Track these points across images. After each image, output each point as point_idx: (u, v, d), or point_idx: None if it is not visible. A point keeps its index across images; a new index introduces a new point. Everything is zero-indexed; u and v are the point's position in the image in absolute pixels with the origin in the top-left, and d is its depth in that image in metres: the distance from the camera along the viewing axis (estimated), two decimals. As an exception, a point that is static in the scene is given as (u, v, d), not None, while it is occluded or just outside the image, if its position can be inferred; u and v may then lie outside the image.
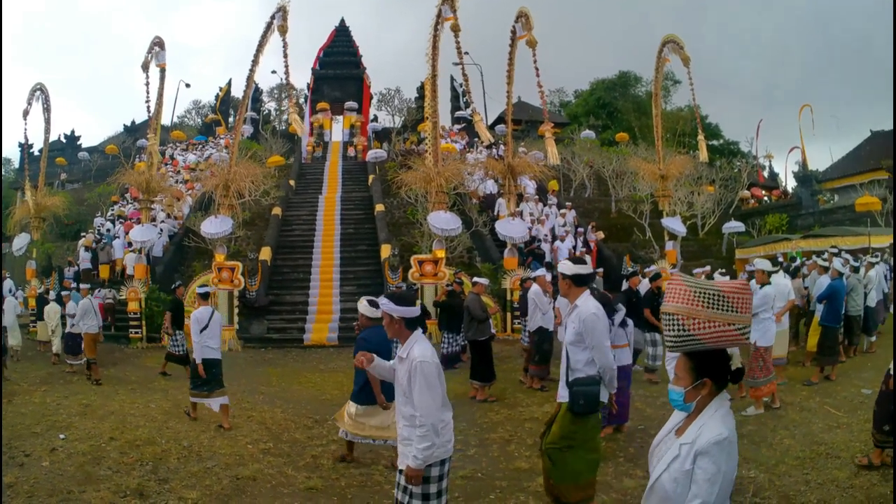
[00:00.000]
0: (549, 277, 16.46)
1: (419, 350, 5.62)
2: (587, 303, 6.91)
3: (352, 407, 9.75)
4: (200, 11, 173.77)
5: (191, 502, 8.09)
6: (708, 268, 22.66)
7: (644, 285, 17.36)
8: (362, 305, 9.49)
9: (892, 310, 19.44)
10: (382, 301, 5.75)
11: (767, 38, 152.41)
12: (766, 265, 13.01)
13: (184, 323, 17.28)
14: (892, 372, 8.58)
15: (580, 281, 7.03)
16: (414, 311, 5.74)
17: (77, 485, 8.32)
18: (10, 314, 19.98)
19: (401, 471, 5.73)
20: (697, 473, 3.43)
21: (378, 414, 9.58)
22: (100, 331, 18.42)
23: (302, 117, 50.23)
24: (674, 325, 3.69)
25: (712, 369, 3.64)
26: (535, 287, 15.84)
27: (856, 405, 11.69)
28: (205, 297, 13.00)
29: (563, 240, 27.54)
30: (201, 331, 12.05)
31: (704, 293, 3.66)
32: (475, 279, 17.96)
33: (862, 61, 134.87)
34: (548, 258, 25.90)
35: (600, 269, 22.78)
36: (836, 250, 19.38)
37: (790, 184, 48.15)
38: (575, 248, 27.65)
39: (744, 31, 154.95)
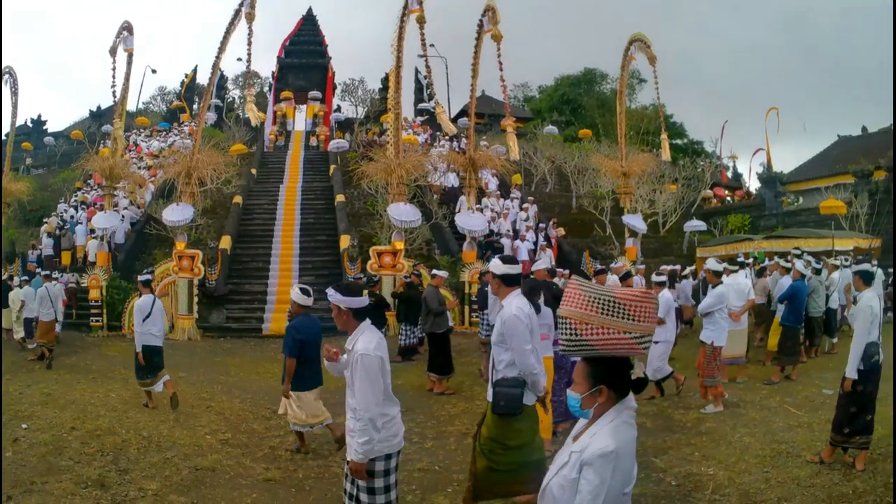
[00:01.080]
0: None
1: (363, 342, 5.61)
2: (511, 303, 6.81)
3: (290, 396, 10.07)
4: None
5: (151, 493, 8.13)
6: (678, 266, 22.90)
7: (612, 281, 17.56)
8: (294, 293, 9.80)
9: (890, 313, 19.72)
10: (330, 292, 5.71)
11: (737, 40, 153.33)
12: (714, 266, 13.26)
13: None
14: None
15: (509, 280, 6.95)
16: (361, 301, 5.75)
17: (39, 475, 8.35)
18: None
19: (348, 462, 5.73)
20: (582, 483, 3.39)
21: (311, 401, 10.02)
22: (55, 319, 18.54)
23: (265, 107, 50.21)
24: (566, 329, 3.63)
25: (609, 377, 3.58)
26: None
27: (817, 405, 11.76)
28: (146, 284, 13.33)
29: (523, 239, 27.69)
30: (144, 319, 12.37)
31: (598, 299, 3.60)
32: (434, 272, 18.15)
33: (831, 66, 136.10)
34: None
35: (566, 271, 22.86)
36: (798, 252, 19.69)
37: (754, 185, 48.73)
38: (536, 244, 27.78)
39: (713, 31, 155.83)
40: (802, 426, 10.60)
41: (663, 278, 14.05)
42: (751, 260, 22.72)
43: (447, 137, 38.01)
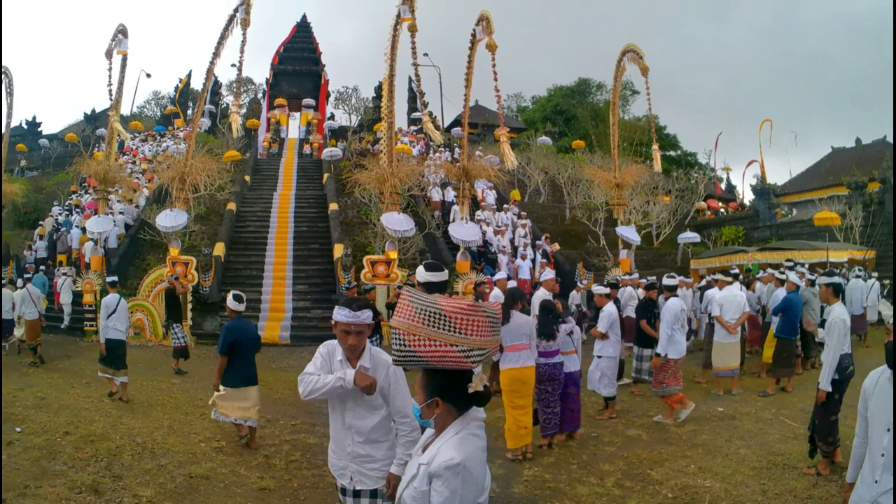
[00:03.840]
0: (511, 283, 16.65)
1: (384, 353, 5.26)
2: None
3: (220, 390, 10.69)
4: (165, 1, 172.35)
5: (145, 500, 8.07)
6: (690, 279, 22.81)
7: (627, 294, 17.57)
8: (228, 300, 11.10)
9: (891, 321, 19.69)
10: (367, 313, 5.17)
11: (729, 53, 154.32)
12: (669, 282, 13.58)
13: (181, 316, 19.20)
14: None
15: (432, 289, 6.70)
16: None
17: (33, 479, 8.27)
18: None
19: (357, 492, 5.35)
20: (433, 496, 3.42)
21: (240, 397, 10.52)
22: (40, 317, 19.17)
23: (259, 113, 50.19)
24: (396, 339, 3.64)
25: (445, 390, 3.58)
26: (495, 291, 16.13)
27: (813, 417, 11.77)
28: (113, 285, 14.87)
29: (524, 258, 27.53)
30: (109, 315, 13.94)
31: (425, 311, 3.59)
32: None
33: (821, 78, 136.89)
34: (506, 274, 25.93)
35: (587, 284, 22.64)
36: (791, 263, 19.69)
37: (748, 197, 48.88)
38: (534, 261, 27.72)
39: (706, 45, 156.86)
40: (798, 438, 10.57)
41: (606, 290, 13.92)
42: (767, 272, 22.62)
43: (437, 145, 37.99)
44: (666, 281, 13.70)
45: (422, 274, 6.80)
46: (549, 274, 13.44)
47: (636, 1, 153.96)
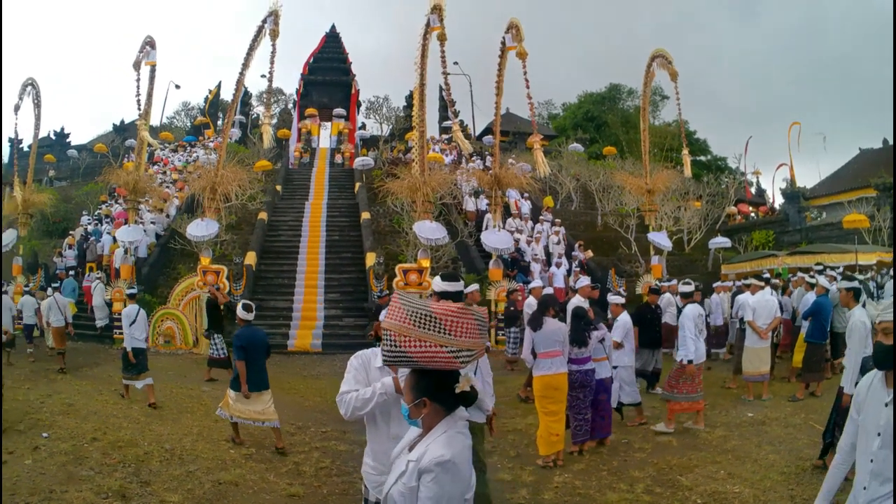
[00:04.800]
0: (548, 290, 16.56)
1: None
2: None
3: (231, 393, 11.20)
4: (193, 12, 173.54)
5: (172, 505, 8.05)
6: (729, 283, 22.65)
7: (665, 301, 17.42)
8: (238, 309, 11.62)
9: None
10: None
11: (757, 57, 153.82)
12: (685, 289, 13.74)
13: (222, 326, 19.18)
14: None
15: (447, 297, 6.67)
16: None
17: (59, 484, 8.26)
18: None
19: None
20: (422, 491, 3.48)
21: (254, 401, 11.09)
22: (67, 324, 19.58)
23: (289, 123, 50.28)
24: (388, 340, 3.74)
25: (433, 390, 3.67)
26: (530, 299, 16.07)
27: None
28: (132, 296, 15.85)
29: (559, 266, 27.35)
30: (130, 325, 14.58)
31: (415, 313, 3.71)
32: (468, 288, 18.12)
33: (848, 80, 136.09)
34: (541, 282, 25.71)
35: (623, 298, 22.59)
36: (821, 267, 19.46)
37: (777, 200, 48.43)
38: (569, 270, 27.56)
39: (734, 49, 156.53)
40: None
41: (621, 299, 13.78)
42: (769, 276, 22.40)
43: (467, 154, 37.94)
44: (682, 288, 13.68)
45: (438, 283, 6.85)
46: (585, 280, 13.39)
47: (665, 6, 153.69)
